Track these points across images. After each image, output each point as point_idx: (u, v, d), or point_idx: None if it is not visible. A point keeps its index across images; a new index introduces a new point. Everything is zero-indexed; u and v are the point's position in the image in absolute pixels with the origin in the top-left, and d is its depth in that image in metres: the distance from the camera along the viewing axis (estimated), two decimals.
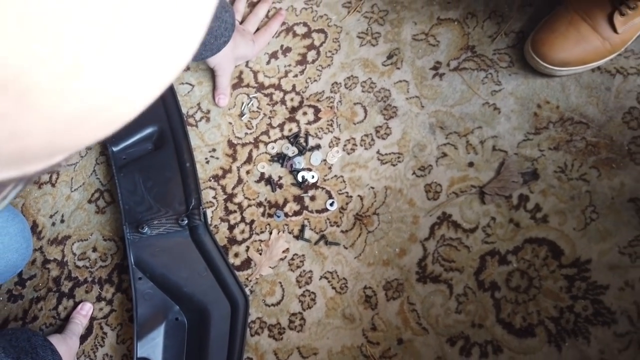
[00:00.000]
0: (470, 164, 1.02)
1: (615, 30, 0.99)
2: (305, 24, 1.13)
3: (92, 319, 1.01)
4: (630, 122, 1.00)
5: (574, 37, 1.01)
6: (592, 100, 1.02)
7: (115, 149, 1.02)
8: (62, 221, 1.06)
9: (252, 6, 1.14)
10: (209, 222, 1.03)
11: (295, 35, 1.12)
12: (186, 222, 0.98)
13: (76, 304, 1.00)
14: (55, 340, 0.91)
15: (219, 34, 0.98)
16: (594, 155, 0.99)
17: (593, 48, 1.01)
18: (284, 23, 1.12)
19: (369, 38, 1.11)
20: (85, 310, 0.99)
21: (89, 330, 1.00)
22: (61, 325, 1.03)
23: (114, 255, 1.03)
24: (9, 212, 0.98)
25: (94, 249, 1.04)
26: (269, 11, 1.13)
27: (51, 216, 1.06)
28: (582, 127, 1.01)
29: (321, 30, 1.12)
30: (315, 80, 1.09)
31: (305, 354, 0.96)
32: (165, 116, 1.04)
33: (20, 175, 0.39)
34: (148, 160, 1.03)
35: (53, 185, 1.08)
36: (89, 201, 1.07)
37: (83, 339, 1.00)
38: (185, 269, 0.97)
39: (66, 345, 0.92)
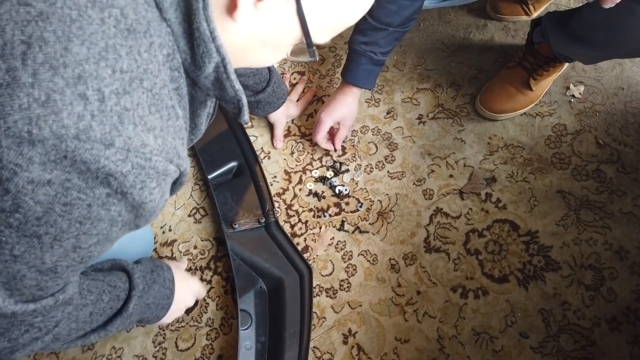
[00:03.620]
0: (450, 176, 1.12)
1: (531, 89, 1.14)
2: (329, 95, 1.22)
3: None
4: (550, 144, 1.13)
5: (505, 95, 1.14)
6: (523, 133, 1.16)
7: (210, 176, 1.10)
8: (170, 230, 1.10)
9: (292, 86, 1.27)
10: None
11: (323, 102, 1.24)
12: (264, 220, 1.05)
13: None
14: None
15: (280, 96, 1.09)
16: (530, 165, 1.11)
17: (519, 101, 1.15)
18: (315, 95, 1.25)
19: (373, 102, 1.24)
20: (183, 265, 1.01)
21: (195, 303, 0.99)
22: None
23: (209, 250, 1.07)
24: None
25: (195, 247, 1.08)
26: (304, 88, 1.26)
27: (162, 227, 1.10)
28: (519, 149, 1.14)
29: None
30: None
31: (353, 306, 1.00)
32: (242, 155, 1.19)
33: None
34: (232, 183, 1.10)
35: None
36: (189, 215, 1.11)
37: (190, 309, 1.01)
38: (264, 252, 1.02)
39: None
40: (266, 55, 0.56)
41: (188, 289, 0.90)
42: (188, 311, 1.03)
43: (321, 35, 0.54)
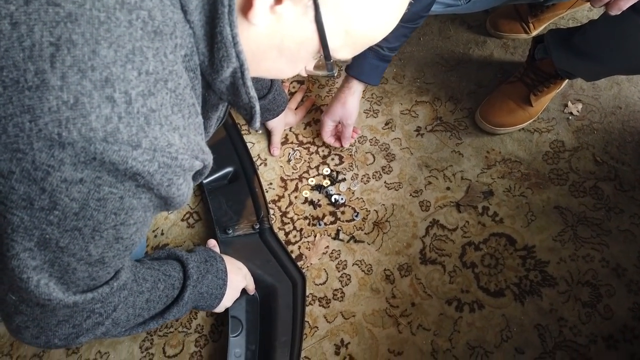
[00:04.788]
0: (448, 188, 1.12)
1: (531, 104, 1.14)
2: (327, 105, 1.32)
3: None
4: (548, 160, 1.13)
5: (506, 109, 1.15)
6: (521, 148, 1.15)
7: (205, 180, 1.08)
8: (162, 234, 1.08)
9: (291, 95, 1.26)
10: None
11: (321, 111, 1.21)
12: (258, 226, 1.04)
13: None
14: None
15: (280, 104, 1.09)
16: (527, 180, 1.11)
17: (519, 116, 1.15)
18: (313, 104, 1.25)
19: (372, 113, 1.24)
20: (212, 244, 0.97)
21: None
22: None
23: None
24: None
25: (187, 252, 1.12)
26: (303, 97, 1.26)
27: (154, 231, 1.08)
28: (517, 164, 1.13)
29: None
30: None
31: (346, 316, 0.99)
32: (239, 160, 1.19)
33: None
34: (227, 189, 1.09)
35: None
36: (182, 220, 1.10)
37: None
38: (257, 259, 1.00)
39: None
40: (282, 66, 0.55)
41: (241, 280, 0.91)
42: None
43: (341, 50, 0.53)
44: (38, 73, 0.39)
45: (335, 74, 0.66)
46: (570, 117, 1.21)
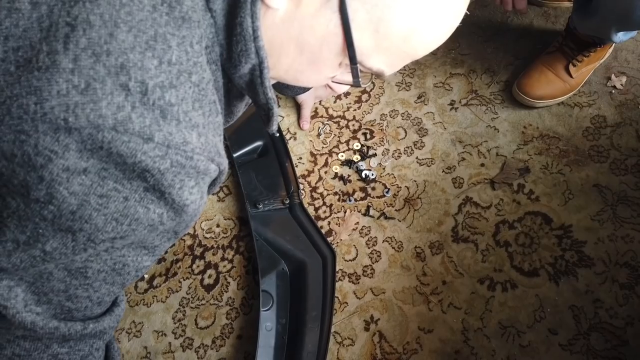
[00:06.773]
0: (482, 165, 1.09)
1: (571, 75, 1.10)
2: None
3: (218, 273, 1.02)
4: (588, 136, 1.09)
5: (544, 80, 1.10)
6: (560, 123, 1.11)
7: (235, 154, 1.09)
8: None
9: None
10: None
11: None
12: (288, 201, 1.04)
13: (207, 264, 1.03)
14: None
15: None
16: (566, 157, 1.08)
17: (558, 87, 1.11)
18: None
19: (404, 86, 1.21)
20: None
21: (216, 280, 1.01)
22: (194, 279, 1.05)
23: (232, 230, 1.07)
24: None
25: (217, 225, 1.07)
26: None
27: None
28: (556, 140, 1.10)
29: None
30: (368, 113, 1.17)
31: (376, 292, 0.99)
32: (268, 134, 1.18)
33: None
34: (257, 163, 1.09)
35: None
36: (212, 193, 1.17)
37: (211, 288, 1.02)
38: (287, 234, 1.00)
39: None
40: (303, 67, 0.49)
41: None
42: (209, 289, 1.03)
43: (373, 55, 0.47)
44: (50, 53, 0.37)
45: (364, 86, 0.57)
46: (613, 91, 1.15)
